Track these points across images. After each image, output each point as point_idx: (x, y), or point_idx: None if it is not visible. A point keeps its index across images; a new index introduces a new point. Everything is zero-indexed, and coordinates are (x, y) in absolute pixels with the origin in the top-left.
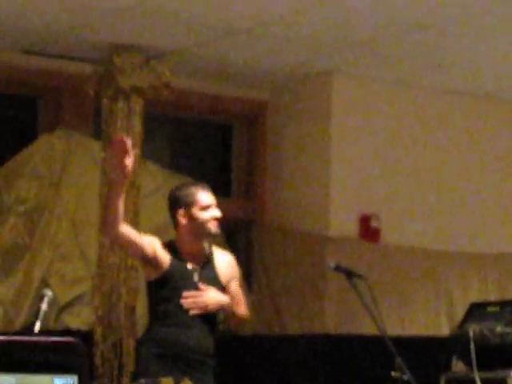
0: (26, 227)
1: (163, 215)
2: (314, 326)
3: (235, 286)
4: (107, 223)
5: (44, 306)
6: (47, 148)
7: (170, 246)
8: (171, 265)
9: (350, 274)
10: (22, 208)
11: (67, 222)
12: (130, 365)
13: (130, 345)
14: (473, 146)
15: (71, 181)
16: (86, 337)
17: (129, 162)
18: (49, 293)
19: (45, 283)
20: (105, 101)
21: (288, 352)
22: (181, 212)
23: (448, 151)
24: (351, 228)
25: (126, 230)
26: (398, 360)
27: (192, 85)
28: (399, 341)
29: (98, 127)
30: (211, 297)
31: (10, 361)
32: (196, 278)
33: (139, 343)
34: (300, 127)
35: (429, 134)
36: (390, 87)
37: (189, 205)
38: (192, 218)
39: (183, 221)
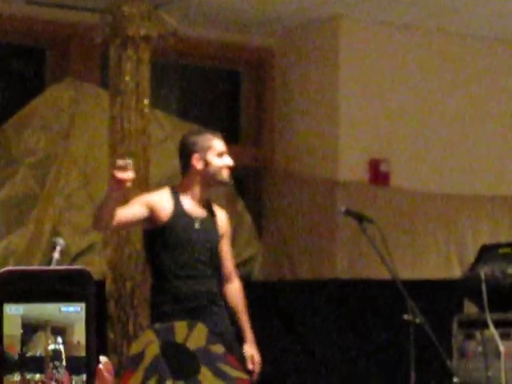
0: (36, 178)
1: (173, 164)
2: (325, 271)
3: (227, 244)
4: (100, 222)
5: (56, 255)
6: (55, 99)
7: (173, 191)
8: (173, 215)
9: (360, 218)
10: (31, 159)
11: (77, 172)
12: (144, 313)
13: (143, 293)
14: (483, 89)
15: (80, 130)
16: (99, 286)
17: (128, 185)
18: (61, 241)
19: (56, 233)
20: (113, 50)
21: (299, 297)
22: (196, 156)
23: (458, 94)
24: (361, 172)
25: (118, 218)
26: (410, 303)
27: (199, 32)
28: (411, 284)
29: (105, 76)
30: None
31: (18, 290)
32: (197, 225)
33: (154, 293)
34: (308, 73)
35: (438, 77)
36: (397, 31)
37: (205, 150)
38: (207, 164)
39: (198, 165)
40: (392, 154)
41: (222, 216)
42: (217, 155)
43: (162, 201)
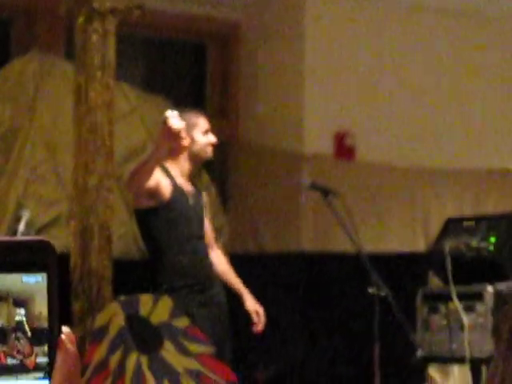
0: (0, 150)
1: (137, 136)
2: (290, 244)
3: (207, 213)
4: (140, 178)
5: (21, 227)
6: (20, 71)
7: (164, 171)
8: (173, 191)
9: (325, 192)
10: None
11: (42, 145)
12: (108, 285)
13: (107, 265)
14: (447, 63)
15: (45, 103)
16: (64, 258)
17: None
18: (26, 213)
19: (21, 205)
20: (78, 22)
21: (264, 270)
22: None
23: (423, 67)
24: (326, 146)
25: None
26: (375, 276)
27: (165, 5)
28: (376, 257)
29: (71, 49)
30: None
31: None
32: (191, 201)
33: (157, 271)
34: (274, 46)
35: (404, 50)
36: (363, 3)
37: (191, 127)
38: (193, 141)
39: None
40: (357, 127)
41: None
42: (202, 133)
43: (162, 177)
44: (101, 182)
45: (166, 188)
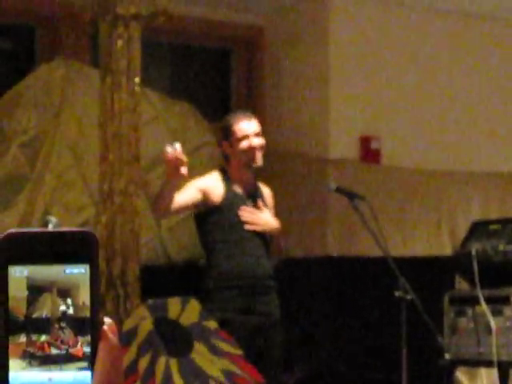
0: (27, 157)
1: (163, 142)
2: (316, 249)
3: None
4: (160, 208)
5: None
6: (46, 77)
7: (223, 173)
8: (226, 195)
9: (351, 196)
10: (22, 138)
11: (68, 151)
12: (135, 292)
13: (135, 271)
14: (476, 66)
15: (71, 109)
16: None
17: (184, 170)
18: (53, 219)
19: (48, 212)
20: (103, 28)
21: (290, 275)
22: (225, 143)
23: (450, 71)
24: (352, 150)
25: (176, 204)
26: (402, 280)
27: (189, 11)
28: (402, 261)
29: (96, 55)
30: (265, 217)
31: (22, 253)
32: (248, 204)
33: (205, 275)
34: (298, 50)
35: (430, 53)
36: (388, 8)
37: (229, 136)
38: (234, 149)
39: (228, 151)
40: (383, 130)
41: (266, 192)
42: (239, 140)
43: (213, 184)
44: (127, 187)
45: (217, 194)
